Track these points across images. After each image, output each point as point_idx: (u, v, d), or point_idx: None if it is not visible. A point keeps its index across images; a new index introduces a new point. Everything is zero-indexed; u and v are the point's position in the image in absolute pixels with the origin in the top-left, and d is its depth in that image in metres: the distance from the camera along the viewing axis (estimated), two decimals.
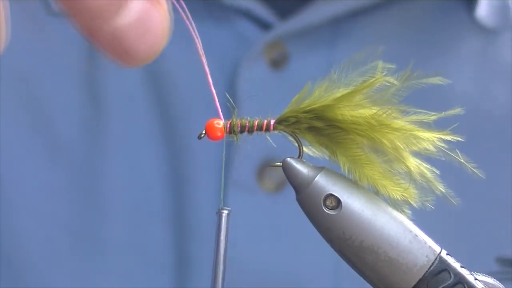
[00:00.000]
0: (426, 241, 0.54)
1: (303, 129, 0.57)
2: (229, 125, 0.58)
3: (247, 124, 0.58)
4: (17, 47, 0.98)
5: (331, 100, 0.55)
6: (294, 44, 1.01)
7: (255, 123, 0.57)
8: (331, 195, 0.55)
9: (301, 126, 0.56)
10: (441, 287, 0.54)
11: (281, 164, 0.56)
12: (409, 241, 0.54)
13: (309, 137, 0.57)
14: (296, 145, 0.57)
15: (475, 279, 0.54)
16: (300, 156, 0.57)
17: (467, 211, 0.91)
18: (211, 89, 0.57)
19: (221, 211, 0.58)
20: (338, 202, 0.55)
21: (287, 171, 0.56)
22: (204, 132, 0.58)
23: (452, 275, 0.54)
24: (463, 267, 0.54)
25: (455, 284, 0.54)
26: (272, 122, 0.57)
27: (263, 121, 0.57)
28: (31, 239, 0.99)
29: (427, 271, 0.54)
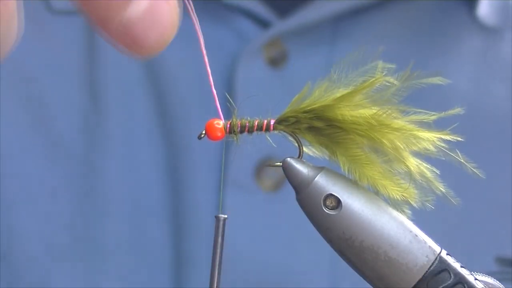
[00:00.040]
0: (426, 241, 0.54)
1: (303, 129, 0.56)
2: (229, 125, 0.57)
3: (247, 124, 0.57)
4: (17, 45, 0.97)
5: (331, 100, 0.55)
6: (293, 42, 1.01)
7: (255, 123, 0.57)
8: (331, 195, 0.55)
9: (301, 126, 0.56)
10: (441, 287, 0.54)
11: (281, 164, 0.56)
12: (409, 241, 0.54)
13: (309, 137, 0.57)
14: (296, 145, 0.57)
15: (475, 279, 0.54)
16: (300, 156, 0.57)
17: (467, 211, 0.91)
18: (212, 90, 0.57)
19: (218, 217, 0.57)
20: (338, 202, 0.55)
21: (287, 171, 0.56)
22: (204, 132, 0.58)
23: (452, 275, 0.54)
24: (463, 267, 0.54)
25: (455, 284, 0.54)
26: (272, 122, 0.57)
27: (263, 121, 0.57)
28: (30, 238, 0.99)
29: (427, 271, 0.54)
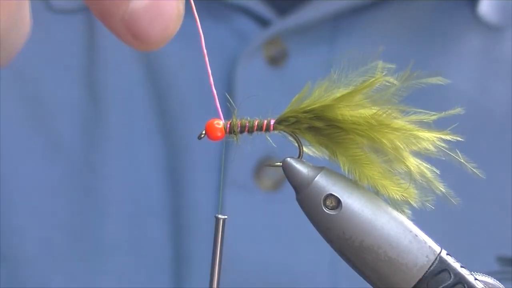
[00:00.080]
0: (426, 241, 0.54)
1: (303, 129, 0.56)
2: (229, 125, 0.57)
3: (247, 124, 0.57)
4: None
5: (331, 100, 0.55)
6: (293, 41, 1.01)
7: (255, 123, 0.57)
8: (331, 195, 0.55)
9: (301, 126, 0.56)
10: (441, 287, 0.54)
11: (281, 164, 0.56)
12: (409, 241, 0.54)
13: (309, 137, 0.57)
14: (296, 145, 0.57)
15: (475, 279, 0.54)
16: (300, 156, 0.57)
17: (468, 210, 0.91)
18: (212, 90, 0.57)
19: (218, 217, 0.57)
20: (338, 202, 0.55)
21: (287, 171, 0.56)
22: (204, 132, 0.57)
23: (452, 275, 0.54)
24: (463, 267, 0.54)
25: (455, 284, 0.54)
26: (272, 122, 0.57)
27: (263, 121, 0.57)
28: (29, 238, 0.99)
29: (427, 271, 0.54)
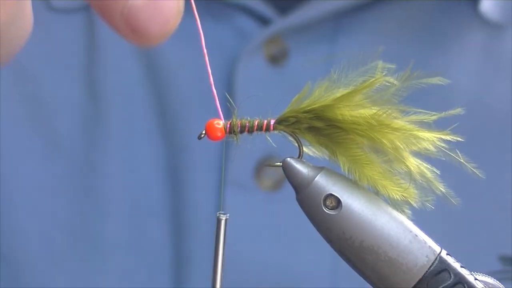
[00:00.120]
0: (426, 241, 0.54)
1: (303, 129, 0.56)
2: (229, 125, 0.57)
3: (247, 124, 0.57)
4: None
5: (331, 100, 0.55)
6: (293, 40, 1.00)
7: (255, 123, 0.57)
8: (331, 195, 0.55)
9: (301, 126, 0.56)
10: (441, 287, 0.54)
11: (281, 164, 0.56)
12: (409, 241, 0.54)
13: (309, 137, 0.57)
14: (296, 145, 0.57)
15: (475, 279, 0.54)
16: (300, 156, 0.57)
17: (468, 210, 0.90)
18: (212, 90, 0.57)
19: (220, 217, 0.57)
20: (338, 202, 0.55)
21: (287, 171, 0.56)
22: (204, 132, 0.58)
23: (452, 275, 0.54)
24: (463, 267, 0.54)
25: (455, 284, 0.54)
26: (272, 122, 0.57)
27: (263, 121, 0.57)
28: (29, 238, 0.98)
29: (427, 271, 0.54)
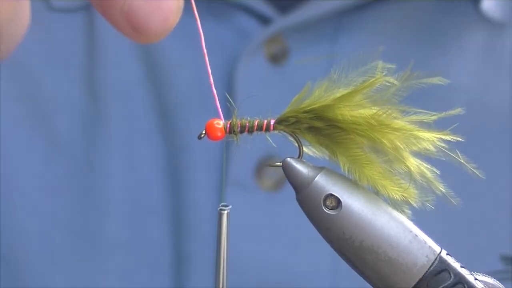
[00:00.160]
0: (426, 241, 0.54)
1: (303, 129, 0.56)
2: (229, 125, 0.57)
3: (247, 124, 0.57)
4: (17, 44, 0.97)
5: (331, 100, 0.55)
6: (294, 39, 1.00)
7: (255, 123, 0.57)
8: (331, 195, 0.55)
9: (301, 126, 0.56)
10: (441, 287, 0.54)
11: (281, 164, 0.56)
12: (409, 241, 0.54)
13: (309, 137, 0.57)
14: (296, 145, 0.57)
15: (475, 279, 0.54)
16: (300, 156, 0.57)
17: (469, 210, 0.90)
18: (212, 90, 0.57)
19: (221, 211, 0.57)
20: (338, 202, 0.55)
21: (287, 171, 0.56)
22: (204, 132, 0.58)
23: (452, 275, 0.54)
24: (463, 267, 0.54)
25: (455, 284, 0.54)
26: (272, 122, 0.57)
27: (263, 121, 0.57)
28: (29, 238, 0.98)
29: (427, 271, 0.54)
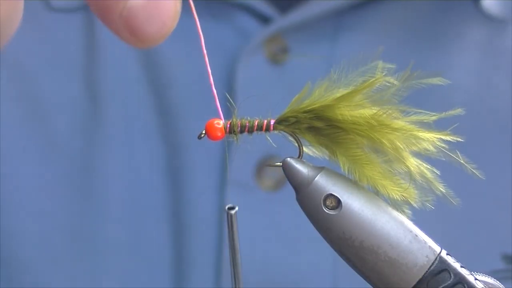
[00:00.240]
0: (426, 241, 0.54)
1: (303, 129, 0.56)
2: (229, 125, 0.57)
3: (247, 124, 0.57)
4: (16, 42, 0.97)
5: (331, 100, 0.55)
6: (294, 38, 1.00)
7: (255, 123, 0.57)
8: (331, 195, 0.55)
9: (301, 126, 0.56)
10: (441, 287, 0.54)
11: (281, 164, 0.56)
12: (409, 241, 0.54)
13: (309, 137, 0.57)
14: (296, 145, 0.57)
15: (475, 279, 0.54)
16: (300, 156, 0.57)
17: (469, 209, 0.90)
18: (212, 90, 0.57)
19: (230, 210, 0.57)
20: (338, 202, 0.55)
21: (287, 171, 0.56)
22: (204, 132, 0.58)
23: (452, 275, 0.54)
24: (463, 267, 0.54)
25: (455, 284, 0.54)
26: (272, 122, 0.57)
27: (263, 121, 0.57)
28: (29, 238, 0.98)
29: (427, 271, 0.54)
